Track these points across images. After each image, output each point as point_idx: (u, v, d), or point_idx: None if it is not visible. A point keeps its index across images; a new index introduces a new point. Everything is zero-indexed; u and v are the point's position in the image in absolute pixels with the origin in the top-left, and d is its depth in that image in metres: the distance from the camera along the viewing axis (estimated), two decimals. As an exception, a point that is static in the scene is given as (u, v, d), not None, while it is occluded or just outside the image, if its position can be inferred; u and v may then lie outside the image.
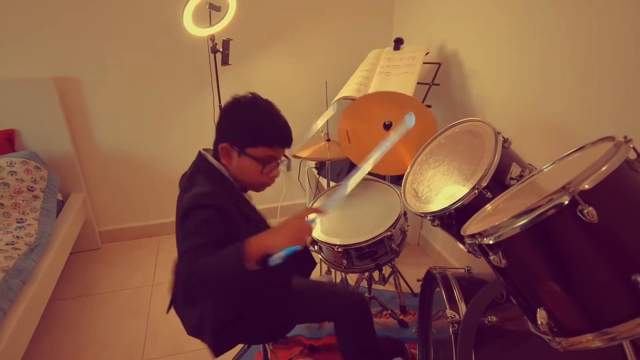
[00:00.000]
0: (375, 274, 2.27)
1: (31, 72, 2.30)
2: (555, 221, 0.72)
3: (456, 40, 2.10)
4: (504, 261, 0.81)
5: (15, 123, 2.34)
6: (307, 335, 1.95)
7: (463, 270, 1.48)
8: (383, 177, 1.93)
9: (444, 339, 1.46)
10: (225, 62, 2.31)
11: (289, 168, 2.98)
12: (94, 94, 2.44)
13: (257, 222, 1.27)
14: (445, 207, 1.29)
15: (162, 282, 2.40)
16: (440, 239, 2.51)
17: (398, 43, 2.22)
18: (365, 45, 2.46)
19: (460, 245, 1.43)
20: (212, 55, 2.31)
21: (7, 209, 2.05)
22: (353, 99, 2.21)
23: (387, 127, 1.81)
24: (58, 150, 2.44)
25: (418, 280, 1.66)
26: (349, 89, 2.19)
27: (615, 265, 0.71)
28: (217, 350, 1.33)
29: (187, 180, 1.24)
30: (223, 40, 2.24)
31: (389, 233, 1.59)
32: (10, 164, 2.14)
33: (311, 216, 1.11)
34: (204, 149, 1.27)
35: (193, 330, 1.37)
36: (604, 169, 0.71)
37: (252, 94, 1.21)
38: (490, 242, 0.80)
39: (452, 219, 1.35)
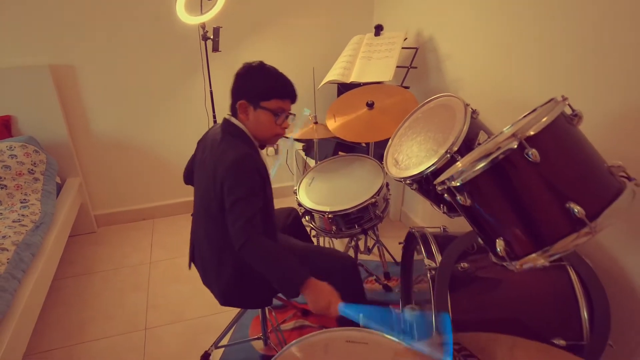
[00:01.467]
0: (361, 244, 2.45)
1: (27, 60, 2.38)
2: (508, 162, 0.90)
3: (432, 27, 2.27)
4: (469, 200, 0.98)
5: (11, 109, 2.42)
6: (300, 301, 2.12)
7: (439, 229, 1.66)
8: (367, 153, 2.10)
9: (425, 300, 1.63)
10: (215, 48, 2.43)
11: (277, 151, 3.14)
12: (88, 81, 2.53)
13: (269, 179, 1.44)
14: (422, 171, 1.46)
15: (159, 260, 2.53)
16: (419, 213, 2.70)
17: (378, 29, 2.38)
18: (348, 32, 2.61)
19: (436, 208, 1.61)
20: (202, 43, 2.43)
21: (10, 190, 2.14)
22: (338, 82, 2.37)
23: (370, 105, 1.97)
24: (54, 136, 2.52)
25: (400, 243, 1.83)
26: (334, 73, 2.34)
27: (554, 196, 0.89)
28: (224, 302, 1.50)
29: (221, 142, 1.40)
30: (213, 27, 2.37)
31: (373, 200, 1.75)
32: (10, 147, 2.23)
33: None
34: (227, 115, 1.44)
35: (206, 281, 1.53)
36: (544, 119, 0.89)
37: (259, 61, 1.41)
38: (457, 184, 0.97)
39: (428, 183, 1.53)
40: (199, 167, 1.50)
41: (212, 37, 2.39)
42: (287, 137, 1.98)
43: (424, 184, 1.55)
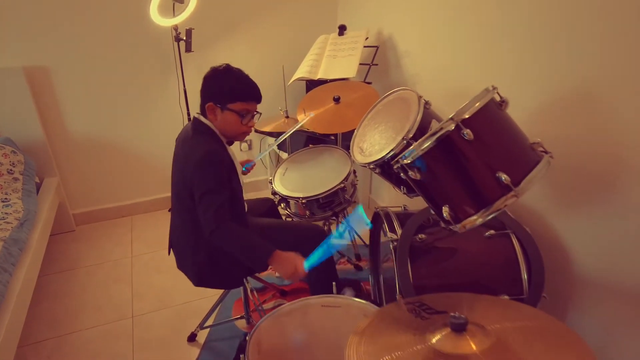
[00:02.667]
0: (334, 228, 2.63)
1: (1, 62, 2.43)
2: (448, 140, 1.10)
3: (391, 26, 2.47)
4: (418, 175, 1.17)
5: (-14, 112, 2.46)
6: (279, 283, 2.28)
7: (401, 208, 1.86)
8: (336, 144, 2.28)
9: (391, 277, 1.82)
10: (188, 49, 2.55)
11: (250, 147, 3.27)
12: (63, 82, 2.59)
13: (236, 171, 1.58)
14: (382, 156, 1.64)
15: (141, 254, 2.62)
16: (385, 199, 2.91)
17: (342, 29, 2.56)
18: (314, 32, 2.78)
19: (397, 190, 1.81)
20: (176, 44, 2.55)
21: (-9, 190, 2.20)
22: (307, 79, 2.54)
23: (336, 100, 2.15)
24: (30, 137, 2.57)
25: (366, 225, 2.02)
26: (302, 71, 2.51)
27: (486, 167, 1.09)
28: (198, 282, 1.65)
29: (191, 139, 1.55)
30: (186, 29, 2.49)
31: (341, 185, 1.94)
32: (-12, 149, 2.28)
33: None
34: (197, 114, 1.56)
35: (181, 265, 1.67)
36: (477, 104, 1.09)
37: (226, 64, 1.54)
38: (409, 161, 1.16)
39: (389, 167, 1.72)
40: (174, 162, 1.64)
41: (184, 38, 2.51)
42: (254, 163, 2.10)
43: (386, 168, 1.74)
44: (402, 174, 1.28)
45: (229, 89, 1.53)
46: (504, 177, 1.06)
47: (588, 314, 1.56)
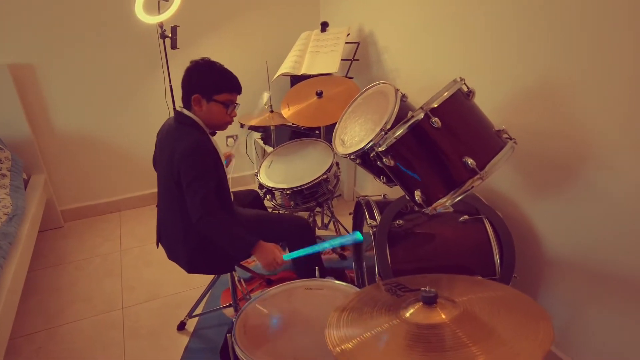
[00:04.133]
0: (319, 220, 2.71)
1: (-14, 60, 2.45)
2: (418, 128, 1.18)
3: (371, 23, 2.55)
4: (392, 161, 1.25)
5: (-28, 110, 2.47)
6: (265, 272, 2.35)
7: (381, 197, 1.95)
8: (319, 136, 2.35)
9: (373, 265, 1.90)
10: (173, 46, 2.60)
11: (235, 139, 3.32)
12: (49, 80, 2.62)
13: (220, 161, 1.64)
14: (362, 147, 1.71)
15: (130, 248, 2.67)
16: (369, 191, 2.99)
17: (324, 26, 2.63)
18: (297, 28, 2.84)
19: (377, 180, 1.89)
20: (161, 41, 2.59)
21: (-21, 186, 2.22)
22: (291, 75, 2.61)
23: (319, 94, 2.22)
24: (16, 134, 2.60)
25: (350, 214, 2.10)
26: (286, 67, 2.57)
27: (454, 153, 1.17)
28: (191, 269, 1.71)
29: (176, 130, 1.62)
30: (171, 26, 2.53)
31: (324, 176, 2.01)
32: (-24, 146, 2.30)
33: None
34: (179, 107, 1.62)
35: (172, 256, 1.73)
36: (445, 94, 1.17)
37: (206, 57, 1.61)
38: (383, 149, 1.24)
39: (369, 157, 1.79)
40: (160, 154, 1.70)
41: (170, 35, 2.55)
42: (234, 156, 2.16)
43: (366, 158, 1.81)
44: (378, 162, 1.35)
45: (215, 81, 1.60)
46: (470, 161, 1.14)
47: (557, 291, 1.66)
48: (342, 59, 2.42)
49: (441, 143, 1.17)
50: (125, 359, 1.86)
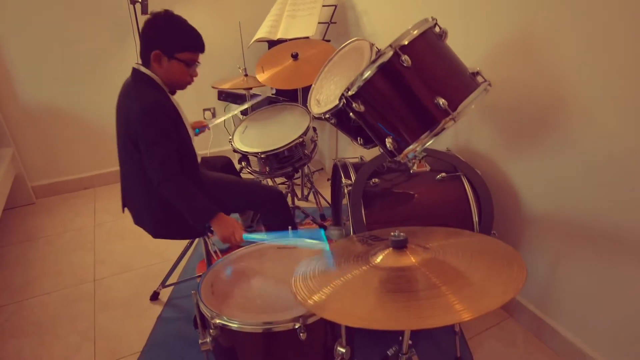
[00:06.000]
0: (298, 192, 2.65)
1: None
2: (388, 67, 1.11)
3: (350, -14, 2.46)
4: (362, 107, 1.19)
5: None
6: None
7: (358, 159, 1.89)
8: (296, 101, 2.28)
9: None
10: (144, 11, 2.48)
11: (214, 115, 3.23)
12: (13, 50, 2.49)
13: (183, 122, 1.56)
14: (336, 105, 1.65)
15: (104, 222, 2.58)
16: (352, 163, 2.93)
17: (301, -11, 2.54)
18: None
19: (355, 143, 1.83)
20: (131, 7, 2.48)
21: (-62, 156, 2.11)
22: (267, 40, 2.52)
23: (294, 56, 2.14)
24: (-20, 105, 2.48)
25: (328, 180, 2.05)
26: (262, 31, 2.48)
27: (425, 93, 1.12)
28: (157, 233, 1.64)
29: (133, 89, 1.52)
30: (140, -10, 2.41)
31: (300, 139, 1.94)
32: None
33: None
34: (136, 64, 1.53)
35: (138, 220, 1.65)
36: (414, 32, 1.11)
37: (166, 10, 1.50)
38: (353, 92, 1.17)
39: (344, 116, 1.73)
40: (117, 116, 1.59)
41: (140, 0, 2.44)
42: (208, 128, 2.06)
43: (342, 117, 1.75)
44: (350, 113, 1.29)
45: (177, 38, 1.49)
46: (442, 101, 1.09)
47: (536, 250, 1.63)
48: (319, 22, 2.34)
49: (411, 83, 1.11)
50: (95, 330, 1.79)
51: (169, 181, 1.44)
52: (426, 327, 0.80)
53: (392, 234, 1.02)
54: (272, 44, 2.62)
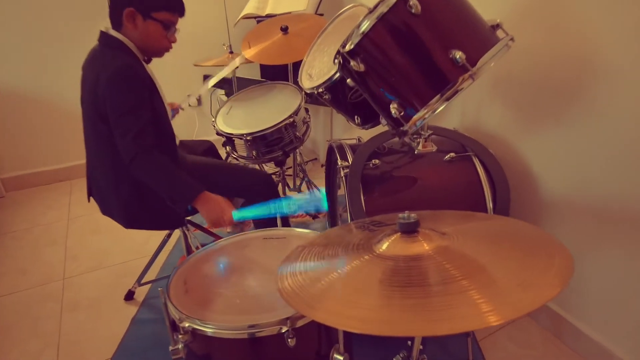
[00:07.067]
0: (290, 183, 2.45)
1: None
2: (393, 15, 0.92)
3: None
4: (362, 65, 0.99)
5: None
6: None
7: (355, 140, 1.69)
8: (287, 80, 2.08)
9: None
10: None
11: (200, 102, 3.03)
12: (-25, 26, 2.28)
13: (158, 92, 1.36)
14: (330, 77, 1.46)
15: (78, 216, 2.37)
16: (348, 151, 2.74)
17: (292, -39, 2.34)
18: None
19: (351, 122, 1.64)
20: (105, -21, 2.26)
21: None
22: (254, 16, 2.32)
23: (284, 30, 1.94)
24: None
25: (322, 166, 1.85)
26: (250, 7, 2.29)
27: (438, 45, 0.92)
28: (128, 223, 1.44)
29: (100, 55, 1.32)
30: (115, -40, 2.20)
31: (290, 120, 1.74)
32: None
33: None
34: (104, 28, 1.33)
35: (106, 209, 1.45)
36: (425, -27, 0.91)
37: None
38: (351, 47, 0.98)
39: (339, 93, 1.53)
40: (82, 87, 1.40)
41: (114, -29, 2.23)
42: (182, 109, 1.85)
43: (338, 91, 1.55)
44: (347, 80, 1.10)
45: None
46: (458, 54, 0.89)
47: (556, 236, 1.45)
48: (311, -5, 2.15)
49: (421, 33, 0.92)
50: (60, 334, 1.58)
51: (143, 155, 1.24)
52: (444, 333, 0.60)
53: (400, 215, 0.83)
54: (260, 21, 2.43)
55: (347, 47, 0.98)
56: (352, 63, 0.99)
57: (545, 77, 1.33)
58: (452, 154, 1.41)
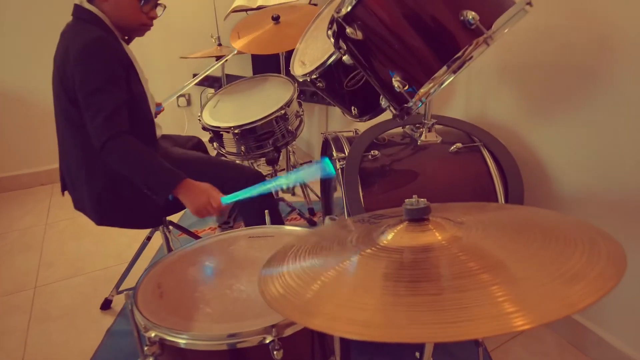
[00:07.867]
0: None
1: None
2: (394, -28, 0.79)
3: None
4: (359, 32, 0.87)
5: None
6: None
7: (352, 132, 1.56)
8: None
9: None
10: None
11: (189, 103, 2.89)
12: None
13: (137, 73, 1.23)
14: (324, 61, 1.34)
15: (57, 221, 2.22)
16: (344, 151, 2.61)
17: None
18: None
19: (347, 114, 1.51)
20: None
21: None
22: (245, 9, 2.21)
23: (275, 19, 1.83)
24: None
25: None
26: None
27: (447, 5, 0.80)
28: (100, 219, 1.30)
29: (71, 29, 1.20)
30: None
31: (282, 112, 1.62)
32: None
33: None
34: (78, 1, 1.21)
35: (78, 203, 1.31)
36: None
37: None
38: (348, 9, 0.85)
39: (334, 80, 1.41)
40: (54, 67, 1.25)
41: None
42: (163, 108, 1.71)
43: (334, 81, 1.43)
44: (342, 51, 0.97)
45: None
46: (471, 15, 0.77)
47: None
48: (305, -15, 2.04)
49: (430, -8, 0.79)
50: (25, 348, 1.43)
51: (116, 139, 1.10)
52: (462, 339, 0.47)
53: (407, 201, 0.69)
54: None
55: (343, 11, 0.86)
56: (349, 30, 0.87)
57: (559, 59, 1.22)
58: (459, 145, 1.29)
